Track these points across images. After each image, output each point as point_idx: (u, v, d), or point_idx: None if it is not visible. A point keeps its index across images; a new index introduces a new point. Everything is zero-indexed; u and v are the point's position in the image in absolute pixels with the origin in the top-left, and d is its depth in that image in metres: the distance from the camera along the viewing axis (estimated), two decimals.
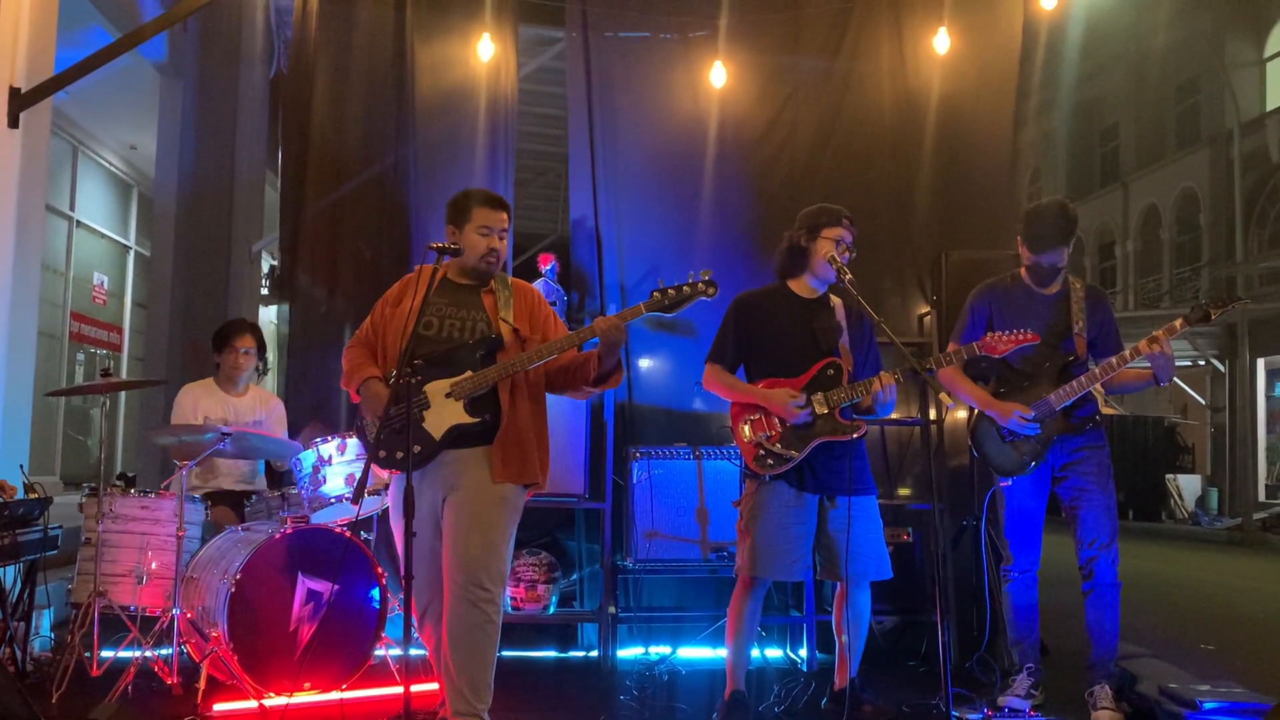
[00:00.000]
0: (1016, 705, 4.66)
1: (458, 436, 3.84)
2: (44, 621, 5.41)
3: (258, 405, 5.82)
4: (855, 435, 4.43)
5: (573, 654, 6.05)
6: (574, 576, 6.33)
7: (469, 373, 3.85)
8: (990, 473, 4.93)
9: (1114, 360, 4.50)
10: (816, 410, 4.38)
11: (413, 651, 4.11)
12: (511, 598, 5.66)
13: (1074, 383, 4.57)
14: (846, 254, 4.51)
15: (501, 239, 4.04)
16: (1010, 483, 4.80)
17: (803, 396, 4.38)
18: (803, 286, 4.64)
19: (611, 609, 5.78)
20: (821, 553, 4.53)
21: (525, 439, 3.92)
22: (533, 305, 4.12)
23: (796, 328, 4.56)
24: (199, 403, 5.65)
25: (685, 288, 3.83)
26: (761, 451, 4.43)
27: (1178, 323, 4.39)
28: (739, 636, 4.51)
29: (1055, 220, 4.72)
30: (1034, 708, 4.66)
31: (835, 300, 4.66)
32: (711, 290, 3.82)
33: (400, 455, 3.78)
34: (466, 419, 3.82)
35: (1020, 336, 4.34)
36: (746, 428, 4.48)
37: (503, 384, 3.86)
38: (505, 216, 4.07)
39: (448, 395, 3.83)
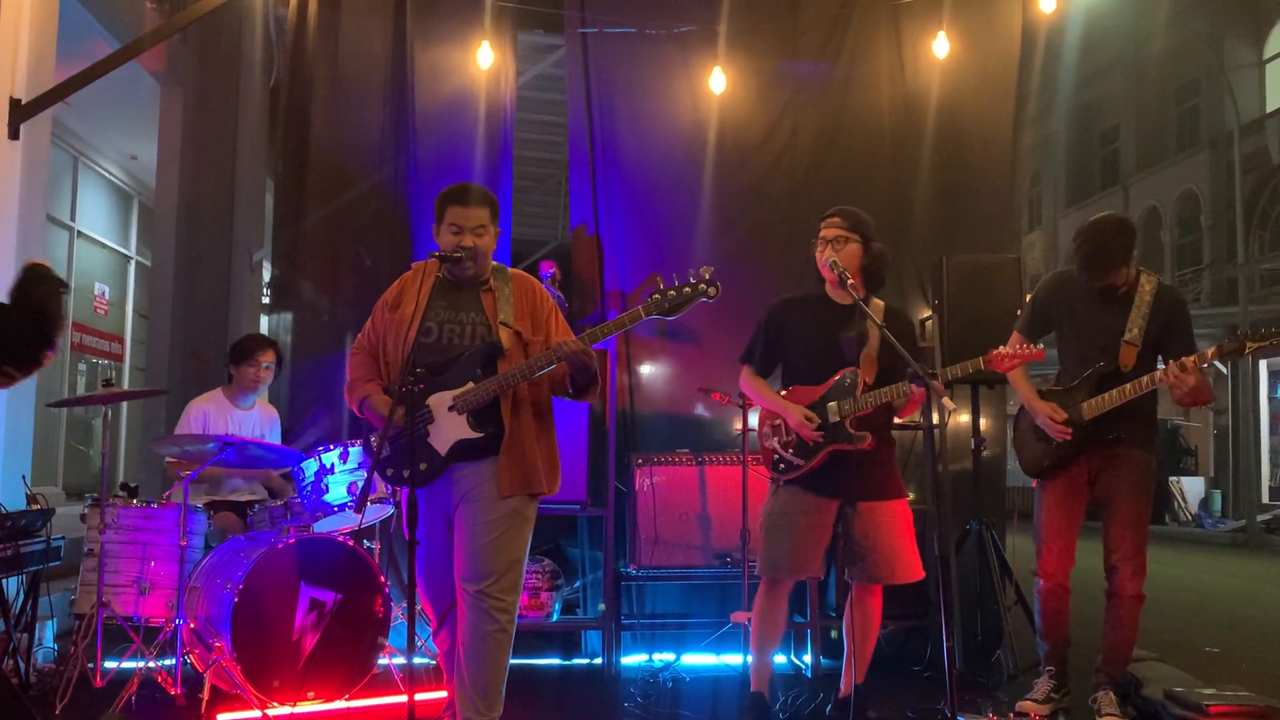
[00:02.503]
0: (1027, 709, 4.65)
1: (464, 450, 3.80)
2: (47, 633, 5.40)
3: (261, 421, 5.82)
4: (862, 446, 4.42)
5: (576, 661, 6.04)
6: (577, 584, 6.32)
7: (470, 384, 3.79)
8: (993, 477, 4.91)
9: (1144, 380, 4.39)
10: (830, 419, 4.38)
11: (416, 660, 4.10)
12: None
13: (1104, 396, 4.49)
14: (831, 253, 4.42)
15: (478, 235, 3.87)
16: (1036, 483, 4.77)
17: (816, 419, 4.36)
18: (835, 292, 4.56)
19: (607, 611, 5.77)
20: (847, 557, 4.51)
21: (529, 450, 3.86)
22: (535, 301, 4.01)
23: (820, 335, 4.52)
24: (207, 417, 5.65)
25: (686, 288, 3.69)
26: (776, 457, 4.47)
27: (1210, 351, 4.27)
28: (759, 638, 4.52)
29: (1108, 243, 4.54)
30: (1056, 711, 4.64)
31: (876, 304, 4.54)
32: (713, 291, 3.69)
33: (408, 473, 3.72)
34: (471, 433, 3.77)
35: (1027, 353, 4.31)
36: (768, 432, 4.53)
37: (504, 395, 3.81)
38: (480, 212, 3.89)
39: (450, 408, 3.79)
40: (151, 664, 4.72)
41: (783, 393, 4.54)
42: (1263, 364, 20.83)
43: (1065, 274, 4.82)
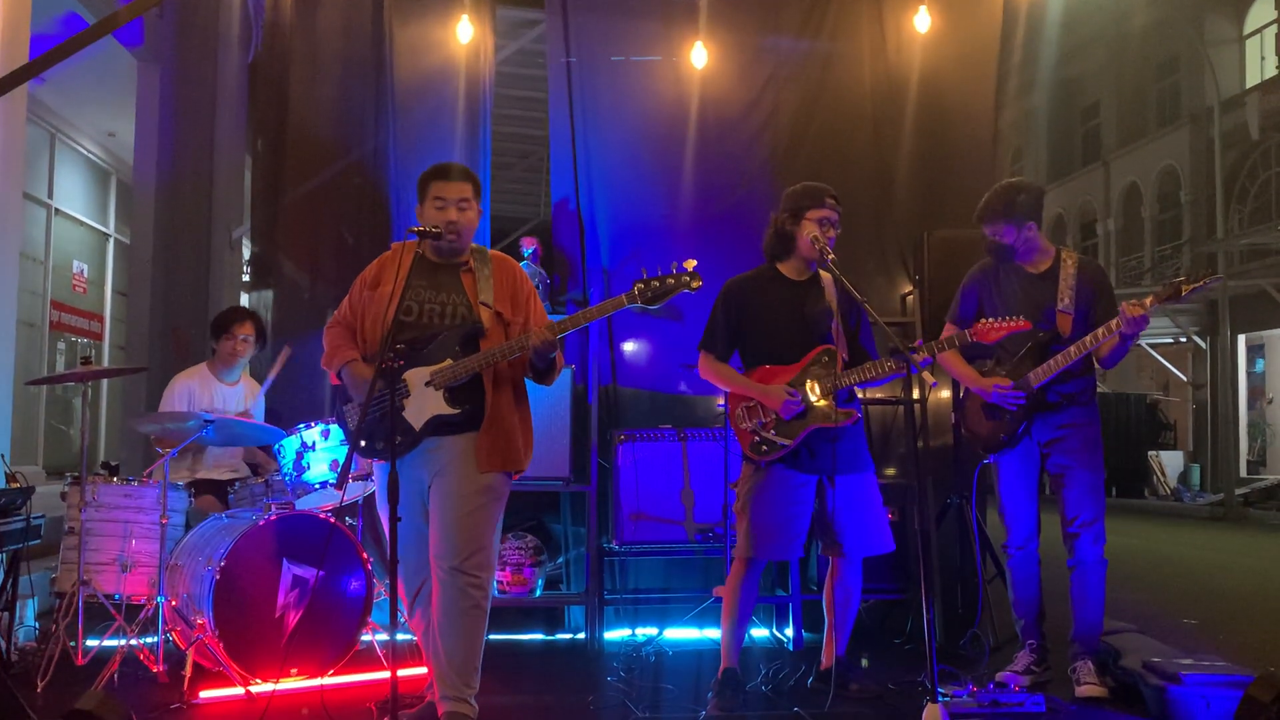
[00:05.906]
0: (1008, 680, 4.69)
1: (439, 425, 3.83)
2: (28, 611, 5.38)
3: (246, 397, 5.80)
4: (848, 422, 4.45)
5: (560, 636, 6.06)
6: (560, 559, 6.33)
7: (448, 361, 3.82)
8: (972, 451, 4.95)
9: (1088, 339, 4.52)
10: (810, 398, 4.40)
11: (399, 636, 4.10)
12: (498, 581, 5.65)
13: (1050, 361, 4.60)
14: (831, 233, 4.50)
15: (462, 209, 3.91)
16: (992, 459, 4.83)
17: (797, 394, 4.38)
18: (792, 268, 4.63)
19: (590, 586, 5.78)
20: (823, 532, 4.59)
21: (509, 426, 3.91)
22: (514, 283, 4.05)
23: (787, 313, 4.55)
24: (191, 393, 5.63)
25: (670, 279, 3.76)
26: (757, 438, 4.46)
27: (1148, 299, 4.41)
28: (734, 615, 4.56)
29: (992, 196, 4.80)
30: (1038, 684, 4.68)
31: (826, 278, 4.64)
32: (695, 283, 3.76)
33: (381, 445, 3.76)
34: (447, 409, 3.80)
35: (1012, 324, 4.36)
36: (742, 415, 4.51)
37: (485, 373, 3.84)
38: (464, 186, 3.93)
39: (427, 384, 3.81)
40: (133, 642, 4.72)
41: (751, 374, 4.55)
42: (1241, 339, 20.94)
43: (988, 263, 4.94)
